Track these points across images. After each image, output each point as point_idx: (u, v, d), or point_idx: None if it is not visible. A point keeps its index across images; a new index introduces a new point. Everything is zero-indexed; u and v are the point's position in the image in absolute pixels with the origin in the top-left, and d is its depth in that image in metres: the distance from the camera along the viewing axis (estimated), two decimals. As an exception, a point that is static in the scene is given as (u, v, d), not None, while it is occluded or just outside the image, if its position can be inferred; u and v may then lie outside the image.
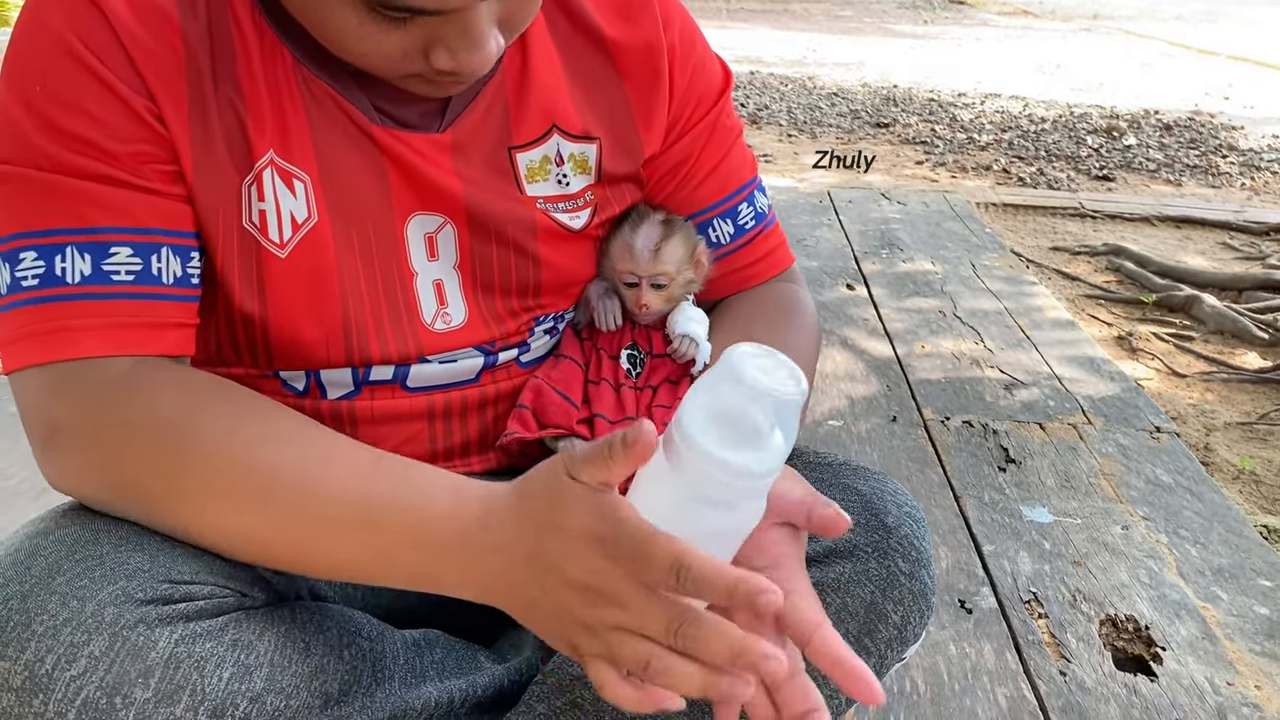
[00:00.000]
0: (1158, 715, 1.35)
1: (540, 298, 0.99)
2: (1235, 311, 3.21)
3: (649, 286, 1.02)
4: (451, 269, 0.93)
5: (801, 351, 1.03)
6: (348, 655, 0.80)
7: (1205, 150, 5.96)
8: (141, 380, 0.77)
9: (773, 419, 0.62)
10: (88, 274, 0.76)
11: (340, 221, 0.87)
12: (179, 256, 0.81)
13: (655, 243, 1.01)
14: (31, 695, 0.64)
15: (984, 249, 3.59)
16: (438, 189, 0.90)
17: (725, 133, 1.06)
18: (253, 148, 0.83)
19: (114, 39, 0.77)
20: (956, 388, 2.42)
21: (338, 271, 0.87)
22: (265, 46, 0.83)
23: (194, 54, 0.80)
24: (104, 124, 0.76)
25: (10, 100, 0.77)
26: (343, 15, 0.73)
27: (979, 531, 1.78)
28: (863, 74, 8.42)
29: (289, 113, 0.84)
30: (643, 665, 0.63)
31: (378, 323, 0.91)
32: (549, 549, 0.65)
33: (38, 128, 0.76)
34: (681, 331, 1.02)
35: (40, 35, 0.77)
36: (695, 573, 0.60)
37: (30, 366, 0.76)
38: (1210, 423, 2.56)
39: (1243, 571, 1.71)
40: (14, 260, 0.76)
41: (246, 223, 0.84)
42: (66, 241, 0.76)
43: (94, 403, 0.75)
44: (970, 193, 4.60)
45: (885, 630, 0.86)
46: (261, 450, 0.74)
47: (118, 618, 0.67)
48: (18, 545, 0.72)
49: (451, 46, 0.76)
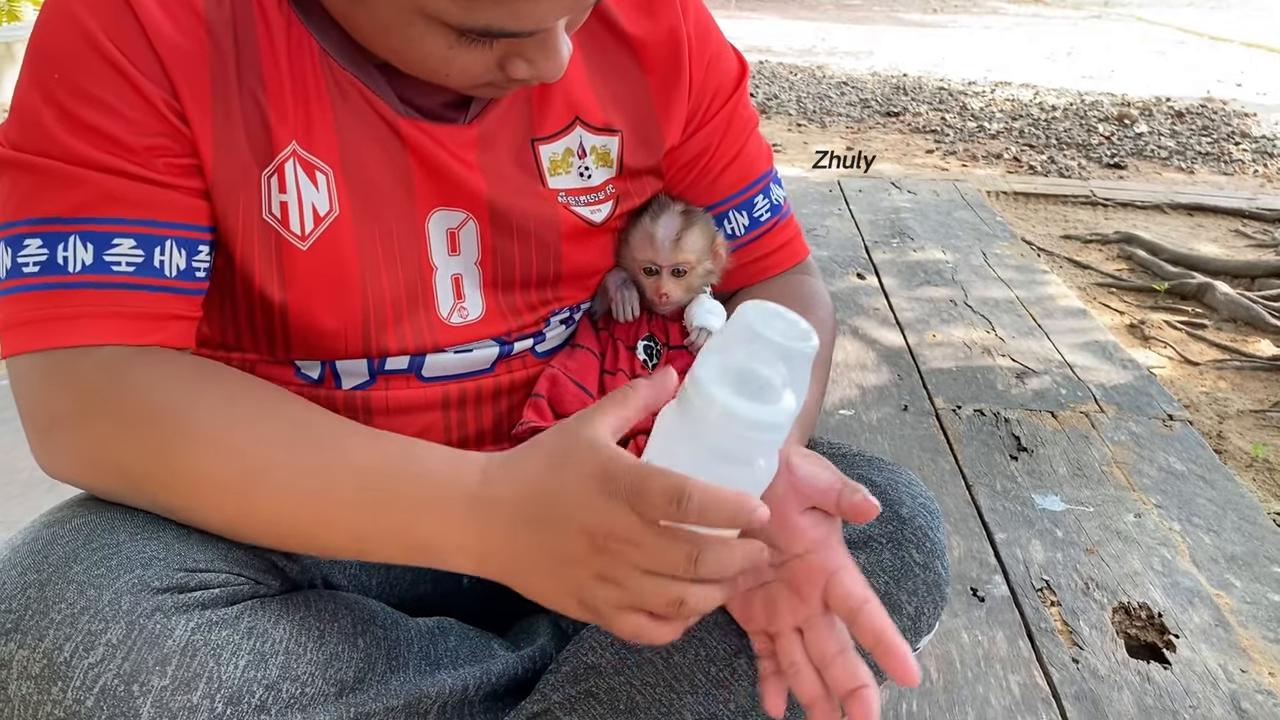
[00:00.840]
0: (1171, 703, 1.35)
1: (559, 289, 0.99)
2: (1248, 299, 3.20)
3: (669, 275, 1.02)
4: (473, 265, 0.93)
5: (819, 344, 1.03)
6: (362, 643, 0.81)
7: (1218, 137, 5.93)
8: (135, 368, 0.77)
9: (784, 372, 0.63)
10: (89, 263, 0.76)
11: (362, 215, 0.87)
12: (184, 250, 0.81)
13: (676, 231, 1.01)
14: (50, 683, 0.65)
15: (995, 238, 3.58)
16: (461, 184, 0.90)
17: (742, 124, 1.06)
18: (274, 139, 0.83)
19: (138, 30, 0.77)
20: (968, 376, 2.41)
21: (358, 264, 0.87)
22: (293, 37, 0.83)
23: (219, 45, 0.80)
24: (118, 115, 0.76)
25: (30, 87, 0.77)
26: (432, 42, 0.74)
27: (991, 520, 1.78)
28: (872, 63, 8.40)
29: (313, 104, 0.84)
30: (677, 604, 0.65)
31: (396, 315, 0.91)
32: (555, 501, 0.67)
33: (53, 116, 0.76)
34: (700, 324, 1.02)
35: (63, 24, 0.77)
36: (697, 500, 0.61)
37: (26, 353, 0.76)
38: (1223, 410, 2.55)
39: (1256, 559, 1.70)
40: (18, 245, 0.76)
41: (267, 214, 0.84)
42: (70, 230, 0.76)
43: (88, 391, 0.76)
44: (981, 181, 4.59)
45: (899, 621, 0.86)
46: (254, 430, 0.75)
47: (134, 606, 0.68)
48: (35, 535, 0.72)
49: (530, 58, 0.77)
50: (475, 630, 0.95)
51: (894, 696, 1.33)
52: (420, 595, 1.00)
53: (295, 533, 0.75)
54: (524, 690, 0.89)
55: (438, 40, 0.74)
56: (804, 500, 0.75)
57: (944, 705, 1.33)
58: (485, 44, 0.75)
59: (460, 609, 0.98)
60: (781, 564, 0.76)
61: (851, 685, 0.69)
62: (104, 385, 0.76)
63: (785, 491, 0.75)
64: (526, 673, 0.91)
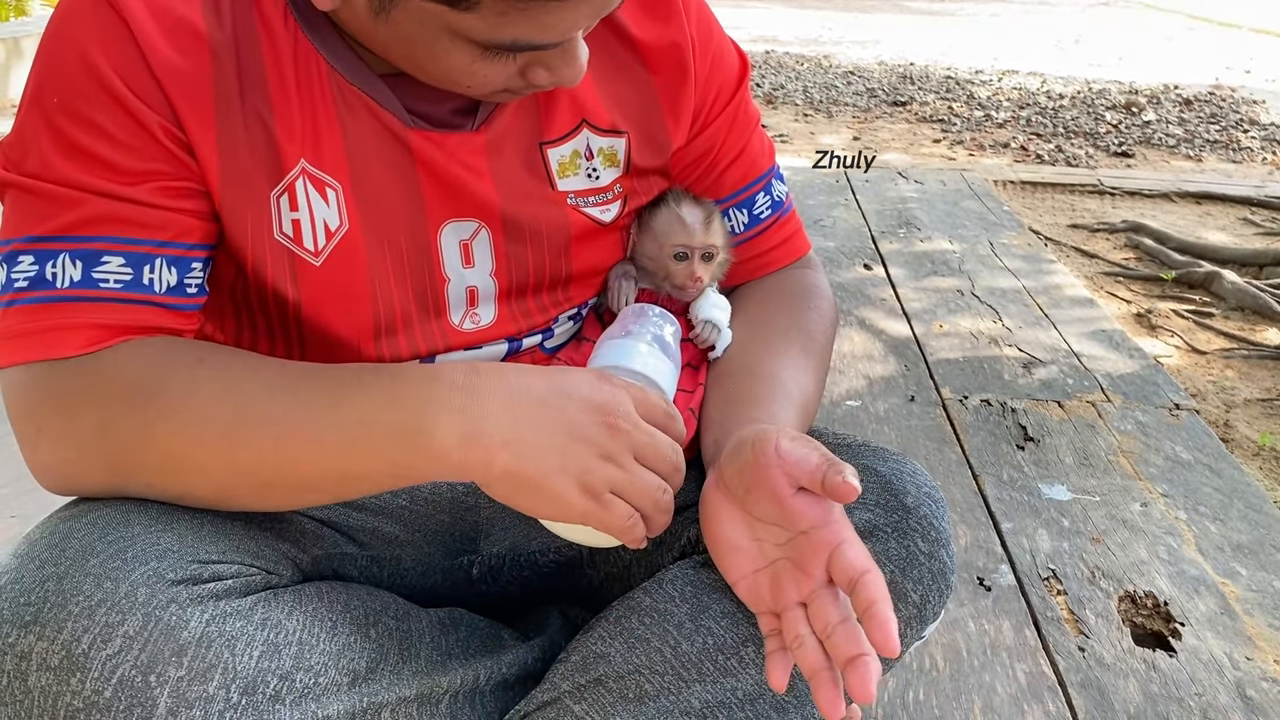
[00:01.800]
0: (1176, 690, 1.36)
1: (569, 290, 1.00)
2: (1256, 288, 3.19)
3: (700, 259, 1.02)
4: (488, 276, 0.94)
5: (816, 335, 1.04)
6: (374, 634, 0.82)
7: (1226, 125, 5.91)
8: (107, 358, 0.77)
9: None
10: (77, 279, 0.77)
11: (371, 229, 0.88)
12: (175, 267, 0.81)
13: (705, 215, 1.02)
14: (69, 674, 0.66)
15: (1002, 227, 3.58)
16: (472, 194, 0.90)
17: (745, 121, 1.07)
18: (283, 157, 0.83)
19: (137, 56, 0.77)
20: (975, 367, 2.41)
21: (369, 277, 0.88)
22: (299, 54, 0.83)
23: (221, 67, 0.81)
24: (113, 140, 0.77)
25: (31, 109, 0.79)
26: (457, 57, 0.76)
27: (997, 509, 1.79)
28: (879, 52, 8.37)
29: (321, 120, 0.84)
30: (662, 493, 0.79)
31: (407, 323, 0.92)
32: (564, 382, 0.78)
33: (49, 139, 0.77)
34: (705, 317, 1.03)
35: (63, 49, 0.78)
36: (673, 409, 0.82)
37: (13, 365, 0.78)
38: (1230, 399, 2.55)
39: (1262, 547, 1.71)
40: (12, 262, 0.78)
41: (279, 234, 0.85)
42: (60, 248, 0.77)
43: (68, 393, 0.77)
44: (988, 171, 4.58)
45: (905, 609, 0.87)
46: (224, 386, 0.76)
47: (150, 598, 0.69)
48: (51, 529, 0.74)
49: (551, 66, 0.79)
50: (485, 621, 0.96)
51: (900, 685, 1.34)
52: (431, 587, 1.01)
53: (281, 478, 0.76)
54: (534, 680, 0.90)
55: (463, 55, 0.75)
56: (793, 481, 0.77)
57: (950, 694, 1.34)
58: (509, 56, 0.76)
59: (470, 601, 1.00)
60: (787, 541, 0.78)
61: (851, 653, 0.70)
62: (81, 383, 0.77)
63: (776, 473, 0.77)
64: (536, 662, 0.92)
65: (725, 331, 1.02)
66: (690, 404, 0.99)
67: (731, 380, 0.98)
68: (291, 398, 0.76)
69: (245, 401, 0.76)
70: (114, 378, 0.77)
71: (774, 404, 0.93)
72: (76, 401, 0.76)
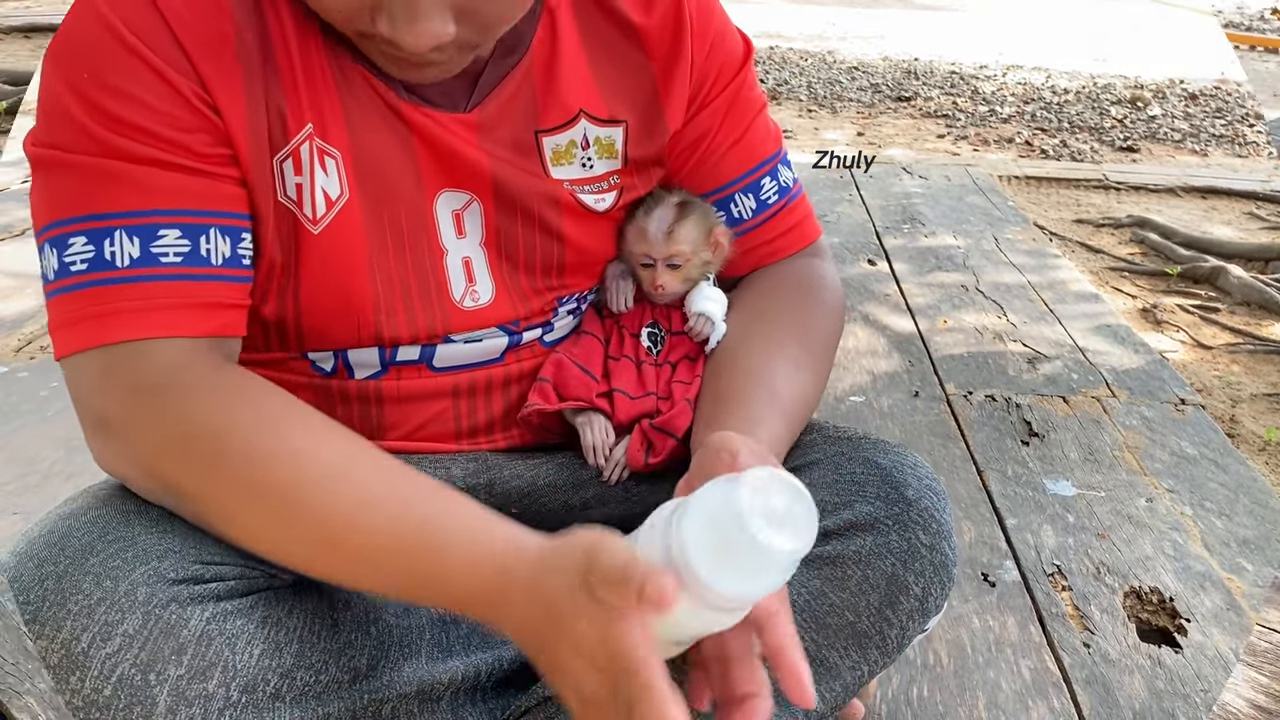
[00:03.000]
0: (1182, 686, 1.35)
1: (564, 277, 1.00)
2: (1261, 282, 3.18)
3: (664, 267, 1.02)
4: (478, 245, 0.94)
5: (817, 330, 1.03)
6: (375, 631, 0.82)
7: (1231, 119, 5.89)
8: (178, 385, 0.76)
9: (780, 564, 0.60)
10: (136, 257, 0.77)
11: (370, 199, 0.88)
12: (228, 237, 0.81)
13: (669, 225, 1.01)
14: (69, 673, 0.66)
15: (1006, 222, 3.57)
16: (465, 164, 0.91)
17: (746, 105, 1.05)
18: (289, 124, 0.84)
19: (162, 24, 0.77)
20: (979, 362, 2.41)
21: (367, 249, 0.88)
22: (298, 25, 0.84)
23: (243, 34, 0.81)
24: (150, 108, 0.77)
25: (60, 87, 0.78)
26: None
27: (1002, 505, 1.78)
28: (883, 47, 8.35)
29: (321, 90, 0.85)
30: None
31: (407, 301, 0.91)
32: (560, 647, 0.64)
33: (86, 113, 0.76)
34: (698, 310, 1.03)
35: (89, 22, 0.77)
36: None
37: (79, 352, 0.77)
38: (1236, 394, 2.54)
39: (1268, 543, 1.70)
40: (63, 246, 0.77)
41: (282, 197, 0.85)
42: (115, 225, 0.76)
43: (135, 399, 0.76)
44: (992, 166, 4.57)
45: (907, 602, 0.86)
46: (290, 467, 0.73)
47: (150, 597, 0.69)
48: (51, 527, 0.74)
49: (392, 13, 0.74)
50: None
51: (905, 681, 1.33)
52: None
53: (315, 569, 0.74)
54: (535, 676, 0.90)
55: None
56: None
57: (955, 690, 1.34)
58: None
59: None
60: None
61: (744, 690, 0.66)
62: (146, 400, 0.75)
63: None
64: (536, 659, 0.92)
65: (719, 325, 1.02)
66: (687, 394, 1.00)
67: (722, 376, 0.98)
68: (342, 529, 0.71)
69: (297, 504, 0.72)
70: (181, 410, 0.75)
71: (757, 406, 0.91)
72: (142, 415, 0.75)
